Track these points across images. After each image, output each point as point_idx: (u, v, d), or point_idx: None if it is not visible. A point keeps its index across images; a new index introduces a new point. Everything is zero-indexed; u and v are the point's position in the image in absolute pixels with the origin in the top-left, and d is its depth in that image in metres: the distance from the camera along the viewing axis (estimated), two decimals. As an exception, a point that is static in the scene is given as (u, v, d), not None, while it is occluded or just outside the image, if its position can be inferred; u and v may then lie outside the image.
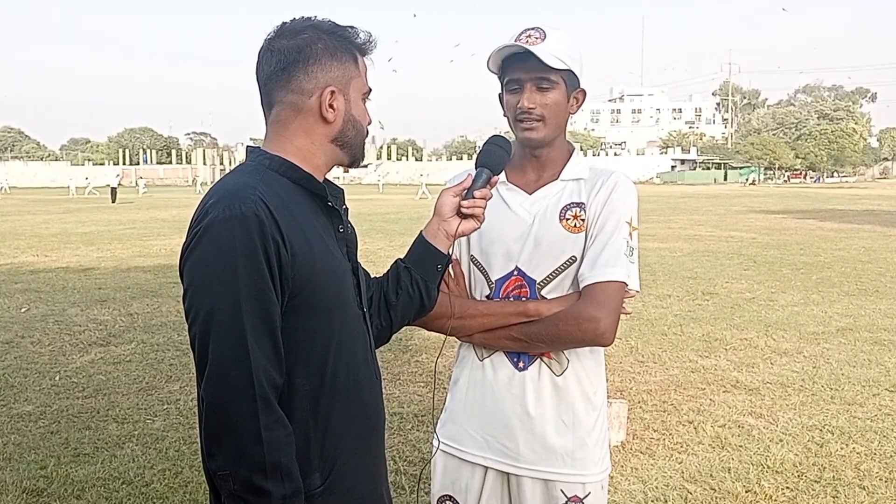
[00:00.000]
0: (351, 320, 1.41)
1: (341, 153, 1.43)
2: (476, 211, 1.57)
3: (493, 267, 1.73)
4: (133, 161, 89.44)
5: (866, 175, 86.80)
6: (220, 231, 1.23)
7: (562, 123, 1.70)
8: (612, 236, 1.64)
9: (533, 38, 1.61)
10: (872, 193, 39.98)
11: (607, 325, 1.59)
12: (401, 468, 3.80)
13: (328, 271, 1.35)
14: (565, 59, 1.62)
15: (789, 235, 15.92)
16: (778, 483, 3.63)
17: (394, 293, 1.58)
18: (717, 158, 79.81)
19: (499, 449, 1.72)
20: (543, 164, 1.73)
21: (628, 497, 3.51)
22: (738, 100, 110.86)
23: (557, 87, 1.64)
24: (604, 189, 1.68)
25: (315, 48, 1.35)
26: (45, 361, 5.88)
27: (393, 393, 4.96)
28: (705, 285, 9.35)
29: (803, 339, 6.57)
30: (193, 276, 1.25)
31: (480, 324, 1.69)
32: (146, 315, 7.66)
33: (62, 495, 3.54)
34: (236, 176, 1.35)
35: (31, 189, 58.63)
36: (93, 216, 23.99)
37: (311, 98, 1.36)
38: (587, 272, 1.63)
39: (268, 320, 1.24)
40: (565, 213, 1.68)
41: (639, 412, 4.64)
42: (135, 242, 15.05)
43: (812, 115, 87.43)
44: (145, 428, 4.43)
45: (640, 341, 6.43)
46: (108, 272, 10.80)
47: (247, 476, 1.21)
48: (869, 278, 9.85)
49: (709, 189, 51.48)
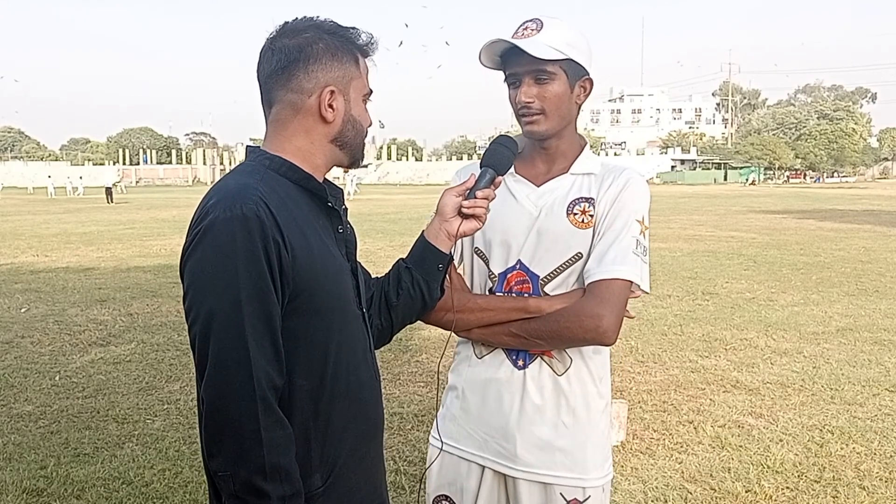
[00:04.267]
0: (351, 321, 1.41)
1: (341, 153, 1.43)
2: (478, 211, 1.55)
3: (495, 259, 1.69)
4: (133, 161, 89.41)
5: (866, 175, 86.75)
6: (220, 231, 1.22)
7: (566, 114, 1.64)
8: (620, 234, 1.59)
9: (529, 31, 1.58)
10: (872, 193, 39.96)
11: (610, 323, 1.54)
12: (401, 468, 3.80)
13: (328, 272, 1.35)
14: (563, 47, 1.57)
15: (789, 235, 15.92)
16: (778, 483, 3.63)
17: (395, 293, 1.58)
18: (717, 158, 79.76)
19: (496, 449, 1.69)
20: (553, 157, 1.69)
21: (628, 497, 3.51)
22: (738, 100, 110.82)
23: (557, 78, 1.59)
24: (614, 185, 1.63)
25: (316, 48, 1.35)
26: (45, 361, 5.88)
27: (393, 393, 4.96)
28: (705, 285, 9.35)
29: (803, 339, 6.57)
30: (194, 277, 1.25)
31: (479, 318, 1.65)
32: (146, 315, 7.65)
33: (62, 495, 3.54)
34: (236, 176, 1.34)
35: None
36: (93, 216, 23.98)
37: (311, 98, 1.36)
38: (593, 268, 1.59)
39: (268, 321, 1.23)
40: (573, 208, 1.64)
41: (639, 412, 4.64)
42: (135, 242, 15.05)
43: (812, 115, 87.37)
44: (145, 428, 4.43)
45: (640, 341, 6.43)
46: (108, 272, 10.80)
47: (247, 477, 1.20)
48: (869, 278, 9.84)
49: (709, 189, 51.46)
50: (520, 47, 1.54)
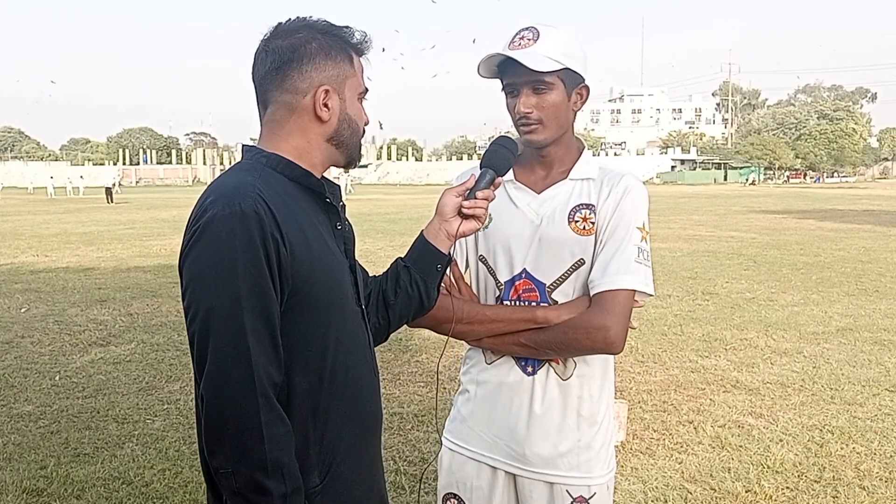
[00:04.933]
0: (349, 318, 1.41)
1: (337, 153, 1.43)
2: (477, 212, 1.56)
3: (500, 268, 1.72)
4: (133, 161, 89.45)
5: (866, 175, 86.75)
6: (219, 228, 1.22)
7: (564, 122, 1.67)
8: (622, 243, 1.62)
9: (525, 41, 1.59)
10: (872, 193, 39.96)
11: (617, 333, 1.58)
12: (401, 468, 3.80)
13: (327, 269, 1.35)
14: (559, 57, 1.58)
15: (789, 235, 15.92)
16: (778, 483, 3.63)
17: (392, 292, 1.58)
18: (717, 158, 79.78)
19: (506, 451, 1.72)
20: (551, 163, 1.71)
21: (628, 497, 3.51)
22: (738, 100, 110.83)
23: (555, 88, 1.61)
24: (614, 193, 1.65)
25: (309, 47, 1.35)
26: (45, 361, 5.88)
27: (393, 393, 4.96)
28: (705, 285, 9.35)
29: (803, 339, 6.57)
30: (193, 274, 1.25)
31: (489, 329, 1.68)
32: (146, 315, 7.66)
33: (62, 495, 3.54)
34: (234, 174, 1.34)
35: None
36: (93, 216, 23.99)
37: (306, 97, 1.36)
38: (597, 280, 1.62)
39: (268, 318, 1.23)
40: (574, 215, 1.66)
41: (639, 412, 4.64)
42: (135, 242, 15.05)
43: (812, 115, 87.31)
44: (145, 428, 4.43)
45: (640, 341, 6.43)
46: (108, 272, 10.81)
47: (249, 474, 1.20)
48: (869, 278, 9.84)
49: (709, 189, 51.46)
50: (520, 61, 1.55)
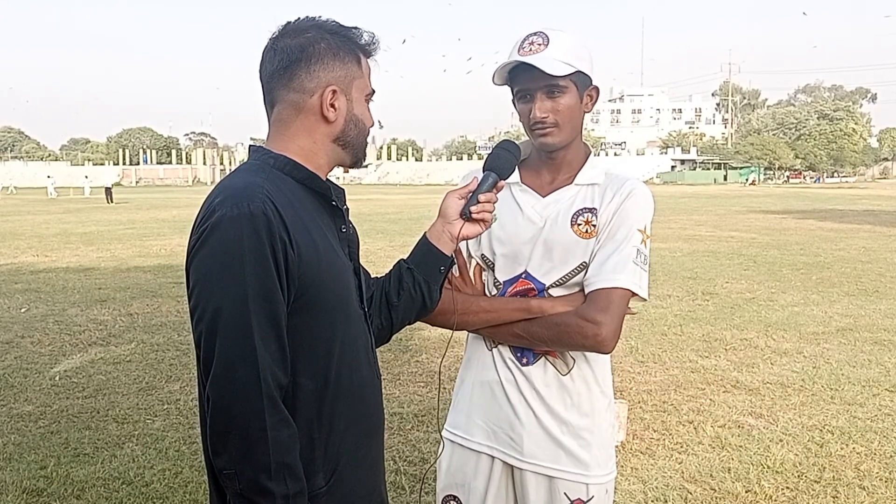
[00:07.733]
0: (353, 320, 1.41)
1: (343, 153, 1.43)
2: (484, 216, 1.57)
3: (501, 268, 1.72)
4: (133, 161, 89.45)
5: (866, 175, 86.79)
6: (228, 229, 1.22)
7: (577, 125, 1.68)
8: (621, 243, 1.62)
9: (536, 46, 1.60)
10: (872, 193, 39.97)
11: (608, 331, 1.57)
12: (401, 468, 3.80)
13: (332, 271, 1.35)
14: (571, 60, 1.60)
15: (789, 235, 15.92)
16: (778, 483, 3.63)
17: (395, 294, 1.58)
18: (717, 158, 79.77)
19: (505, 440, 1.73)
20: (559, 167, 1.72)
21: (628, 497, 3.51)
22: (738, 100, 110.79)
23: (568, 91, 1.62)
24: (617, 196, 1.66)
25: (318, 47, 1.35)
26: (45, 361, 5.88)
27: (393, 393, 4.96)
28: (705, 285, 9.35)
29: (803, 339, 6.57)
30: (201, 274, 1.25)
31: (483, 320, 1.69)
32: (146, 315, 7.66)
33: (62, 495, 3.54)
34: (242, 174, 1.34)
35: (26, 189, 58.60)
36: (93, 216, 23.99)
37: (313, 97, 1.36)
38: (593, 277, 1.62)
39: (274, 320, 1.23)
40: (577, 219, 1.67)
41: (639, 412, 4.64)
42: (135, 242, 15.05)
43: (812, 116, 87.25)
44: (145, 428, 4.43)
45: (640, 341, 6.43)
46: (108, 272, 10.81)
47: (253, 476, 1.20)
48: (869, 278, 9.85)
49: (709, 189, 51.47)
50: (536, 66, 1.56)
